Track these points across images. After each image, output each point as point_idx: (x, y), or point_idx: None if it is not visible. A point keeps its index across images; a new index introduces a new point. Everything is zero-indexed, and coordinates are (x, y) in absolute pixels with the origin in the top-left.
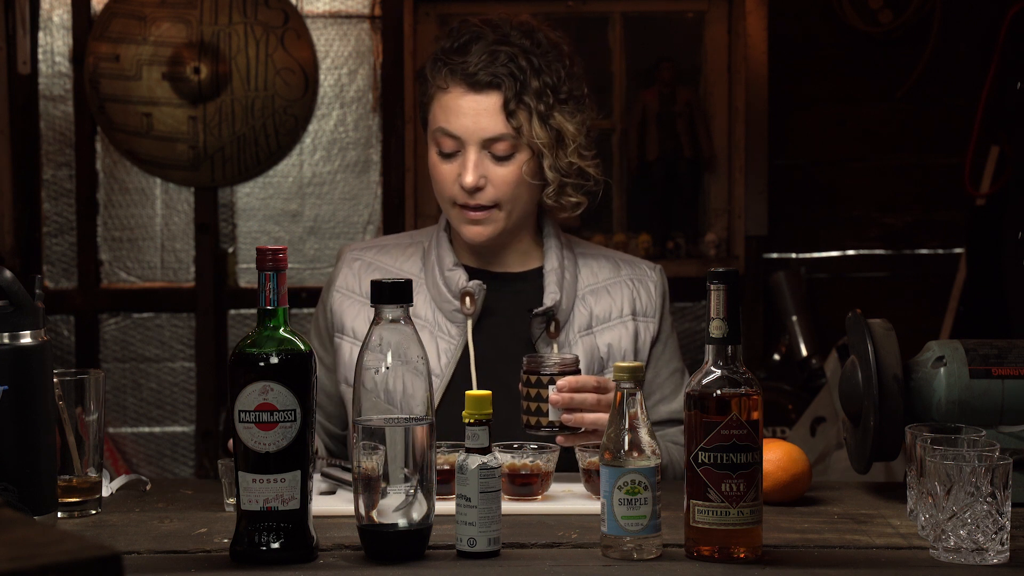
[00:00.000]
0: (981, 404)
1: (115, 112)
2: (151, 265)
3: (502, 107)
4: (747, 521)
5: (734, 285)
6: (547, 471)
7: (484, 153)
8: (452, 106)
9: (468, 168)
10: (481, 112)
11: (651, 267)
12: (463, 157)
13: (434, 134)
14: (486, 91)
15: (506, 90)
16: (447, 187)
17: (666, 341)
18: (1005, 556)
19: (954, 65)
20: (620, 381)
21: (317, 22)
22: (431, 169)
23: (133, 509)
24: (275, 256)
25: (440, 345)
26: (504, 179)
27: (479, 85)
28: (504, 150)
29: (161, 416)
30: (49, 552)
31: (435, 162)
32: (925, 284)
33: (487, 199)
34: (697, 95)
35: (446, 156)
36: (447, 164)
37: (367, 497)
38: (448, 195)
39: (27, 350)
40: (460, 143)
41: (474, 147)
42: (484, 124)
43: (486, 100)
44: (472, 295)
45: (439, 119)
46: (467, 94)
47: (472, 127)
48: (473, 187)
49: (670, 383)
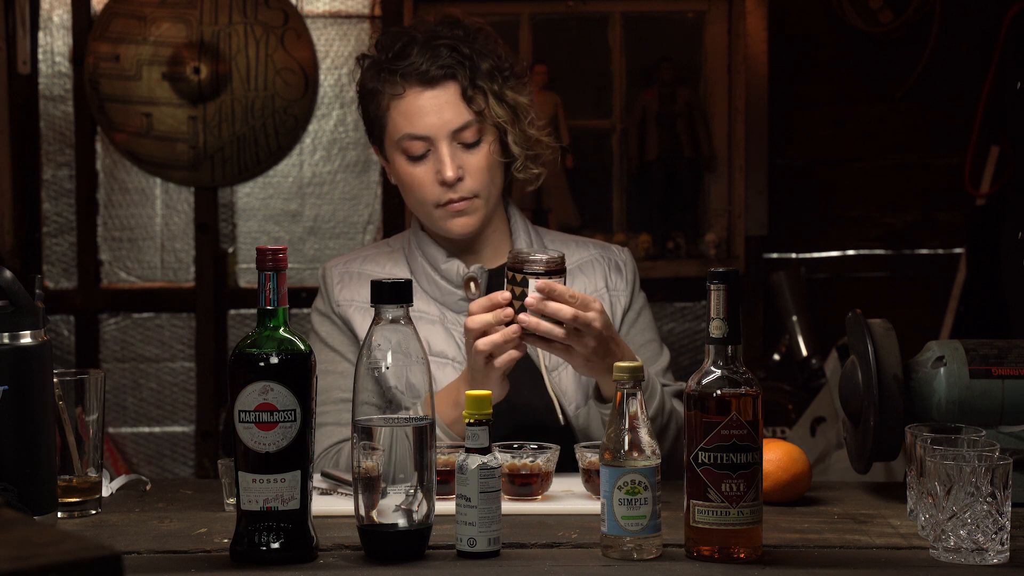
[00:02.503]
0: (981, 404)
1: (115, 112)
2: (151, 265)
3: (461, 95)
4: (747, 521)
5: (734, 285)
6: (547, 471)
7: (454, 145)
8: (413, 107)
9: (446, 163)
10: (443, 105)
11: (620, 248)
12: (435, 155)
13: (399, 143)
14: (442, 84)
15: (461, 79)
16: (426, 190)
17: (639, 311)
18: (1005, 556)
19: (954, 65)
20: (620, 381)
21: (317, 22)
22: (404, 179)
23: (133, 509)
24: (275, 256)
25: (456, 335)
26: (478, 166)
27: (434, 80)
28: (471, 137)
29: (161, 416)
30: (49, 552)
31: (407, 171)
32: (925, 284)
33: (467, 190)
34: (697, 95)
35: (417, 159)
36: (420, 168)
37: (367, 497)
38: (429, 198)
39: (27, 350)
40: (429, 142)
41: (444, 141)
42: (448, 116)
43: (444, 93)
44: (476, 280)
45: (402, 126)
46: (425, 91)
47: (438, 122)
48: (455, 179)
49: (644, 351)
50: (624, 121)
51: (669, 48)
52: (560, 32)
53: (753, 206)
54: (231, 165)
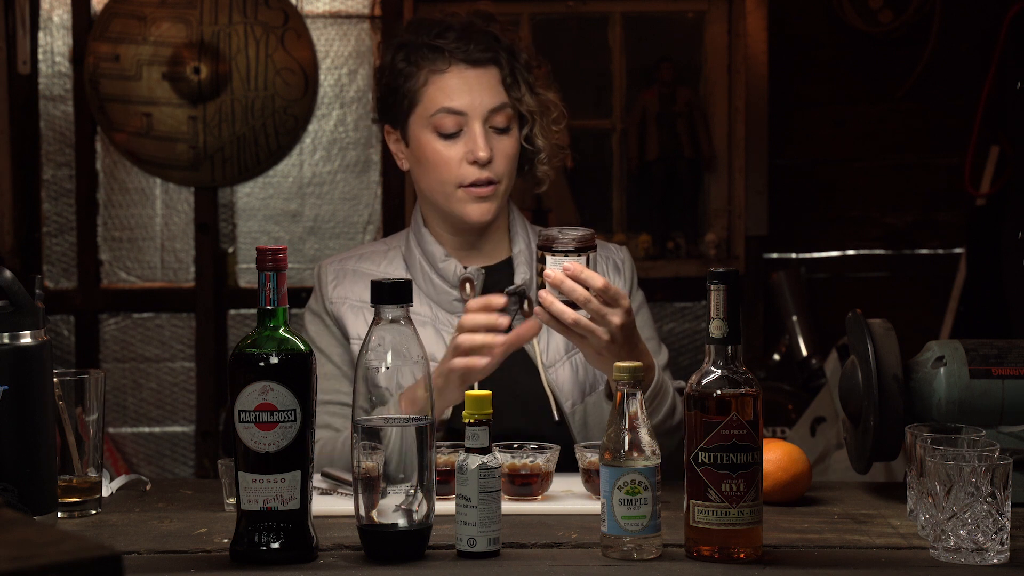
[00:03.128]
0: (981, 404)
1: (115, 112)
2: (151, 265)
3: (501, 80)
4: (747, 521)
5: (734, 285)
6: (547, 471)
7: (487, 128)
8: (454, 84)
9: (479, 142)
10: (484, 86)
11: (618, 247)
12: (468, 134)
13: (433, 118)
14: (485, 66)
15: (503, 65)
16: (452, 169)
17: (637, 309)
18: (1005, 556)
19: (954, 65)
20: (620, 381)
21: (317, 22)
22: (429, 156)
23: (133, 509)
24: (275, 256)
25: (446, 338)
26: (506, 152)
27: (478, 62)
28: (504, 122)
29: (161, 416)
30: (49, 552)
31: (434, 147)
32: (925, 284)
33: (495, 172)
34: (697, 95)
35: (447, 137)
36: (449, 146)
37: (367, 497)
38: (454, 177)
39: (27, 350)
40: (463, 120)
41: (478, 121)
42: (487, 97)
43: (487, 74)
44: (472, 281)
45: (440, 100)
46: (468, 70)
47: (478, 100)
48: (487, 159)
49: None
50: (624, 121)
51: (669, 48)
52: (560, 32)
53: (753, 206)
54: (231, 165)
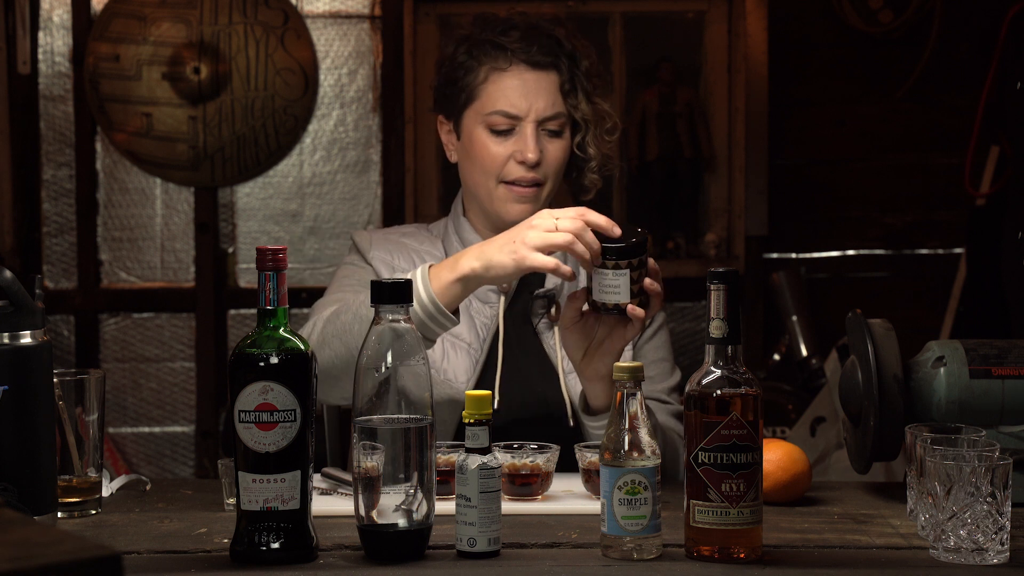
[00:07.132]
0: (981, 404)
1: (115, 112)
2: (151, 265)
3: (559, 86)
4: (747, 521)
5: (734, 285)
6: (547, 471)
7: (540, 131)
8: (513, 84)
9: (530, 145)
10: (542, 90)
11: None
12: (519, 134)
13: (488, 116)
14: (545, 70)
15: (563, 71)
16: (497, 165)
17: (656, 329)
18: (1005, 556)
19: (954, 65)
20: (620, 381)
21: (317, 22)
22: (477, 150)
23: (133, 509)
24: (275, 256)
25: (477, 322)
26: (555, 155)
27: (539, 65)
28: (557, 126)
29: (161, 416)
30: (49, 552)
31: (484, 143)
32: (925, 284)
33: (541, 173)
34: (697, 95)
35: (499, 134)
36: (500, 143)
37: (367, 497)
38: (498, 172)
39: (27, 350)
40: (516, 121)
41: (531, 124)
42: (544, 103)
43: (546, 79)
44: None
45: (498, 100)
46: (528, 72)
47: (533, 105)
48: (535, 161)
49: (655, 368)
50: (624, 121)
51: (669, 48)
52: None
53: (753, 206)
54: (231, 165)
